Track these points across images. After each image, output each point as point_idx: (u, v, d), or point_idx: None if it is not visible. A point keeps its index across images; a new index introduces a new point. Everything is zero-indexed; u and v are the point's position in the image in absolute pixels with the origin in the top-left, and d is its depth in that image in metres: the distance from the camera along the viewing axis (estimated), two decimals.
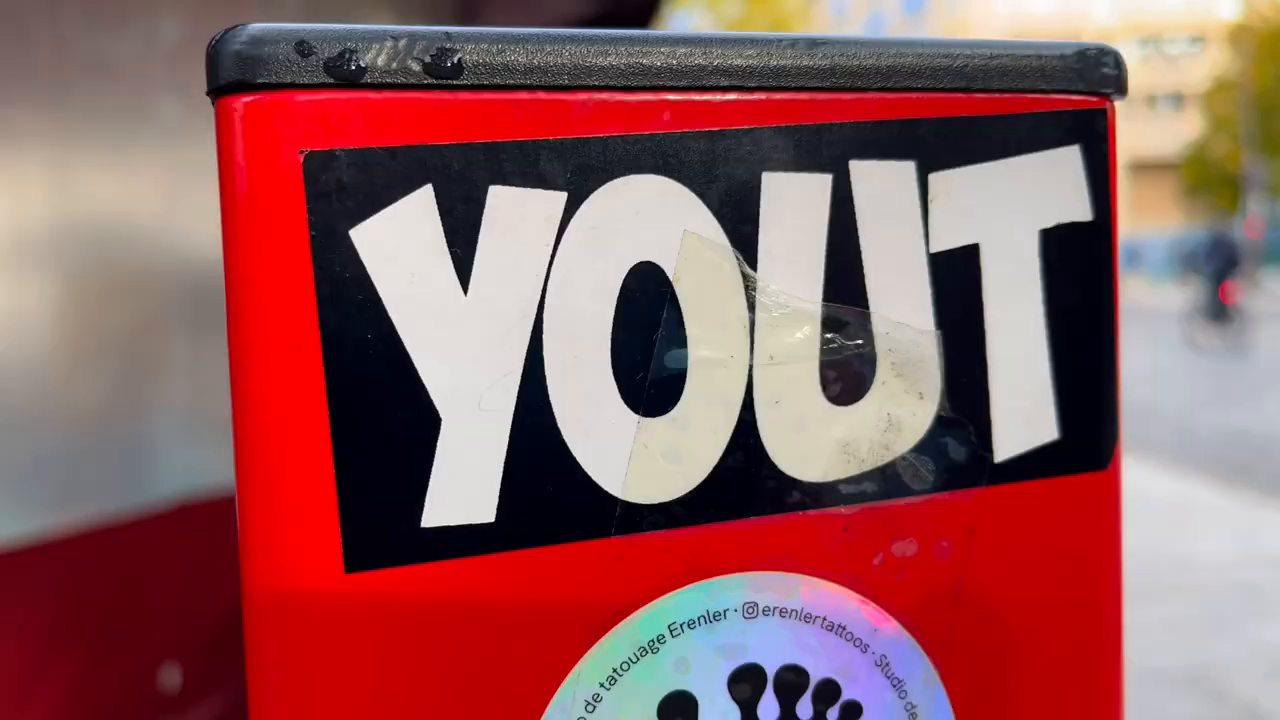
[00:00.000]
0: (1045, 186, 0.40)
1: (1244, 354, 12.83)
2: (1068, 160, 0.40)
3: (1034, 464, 0.40)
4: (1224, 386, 9.79)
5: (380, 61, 0.35)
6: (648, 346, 0.37)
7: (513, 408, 0.36)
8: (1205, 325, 14.17)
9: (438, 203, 0.35)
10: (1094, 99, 0.41)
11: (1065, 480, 0.40)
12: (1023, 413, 0.40)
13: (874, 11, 63.42)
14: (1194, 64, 51.08)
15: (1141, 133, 52.71)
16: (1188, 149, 43.63)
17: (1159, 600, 3.68)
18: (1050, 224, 0.40)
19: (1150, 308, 21.99)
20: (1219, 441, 7.05)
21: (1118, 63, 0.41)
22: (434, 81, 0.35)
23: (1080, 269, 0.41)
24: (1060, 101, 0.40)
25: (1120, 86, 0.42)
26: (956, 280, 0.39)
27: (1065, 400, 0.41)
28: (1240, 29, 39.62)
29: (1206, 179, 42.10)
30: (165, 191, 1.92)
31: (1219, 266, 14.24)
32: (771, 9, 28.45)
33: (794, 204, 0.38)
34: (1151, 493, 5.32)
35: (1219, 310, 13.94)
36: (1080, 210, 0.40)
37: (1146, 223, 49.44)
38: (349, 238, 0.34)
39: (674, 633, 0.38)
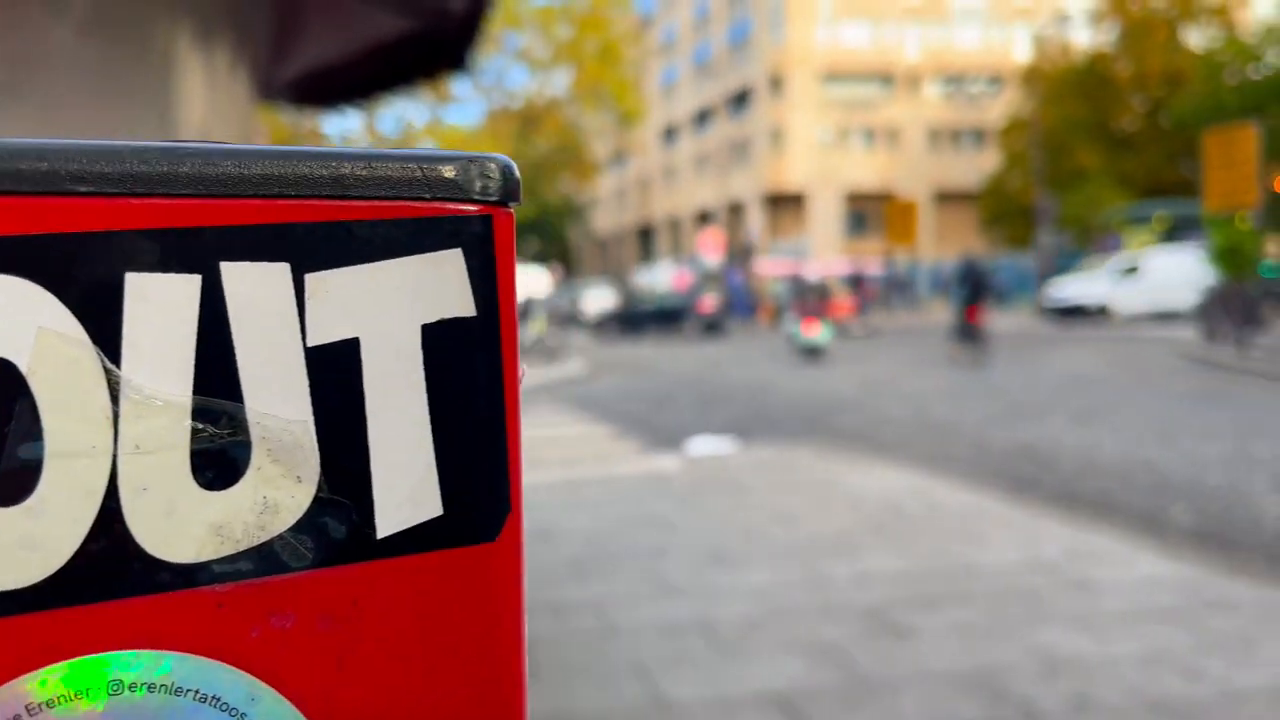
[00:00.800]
0: (427, 286, 0.42)
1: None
2: (450, 262, 0.43)
3: (419, 539, 0.42)
4: (1008, 402, 10.55)
5: None
6: None
7: None
8: (956, 344, 15.56)
9: None
10: (475, 206, 0.43)
11: (452, 552, 0.43)
12: (406, 491, 0.42)
13: (701, 41, 65.34)
14: (993, 103, 55.13)
15: (946, 166, 56.43)
16: (987, 182, 46.99)
17: (947, 606, 3.90)
18: (433, 319, 0.42)
19: (942, 328, 23.63)
20: (1007, 455, 7.59)
21: (504, 173, 0.44)
22: None
23: (463, 360, 0.43)
24: (441, 209, 0.43)
25: (506, 194, 0.44)
26: (336, 372, 0.41)
27: (449, 479, 0.43)
28: (1031, 72, 42.93)
29: (1004, 210, 45.38)
30: None
31: (967, 292, 15.53)
32: (601, 33, 28.78)
33: (161, 303, 0.39)
34: (947, 504, 5.67)
35: (966, 330, 15.28)
36: (463, 307, 0.43)
37: (950, 250, 52.82)
38: None
39: (31, 712, 0.38)
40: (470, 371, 0.43)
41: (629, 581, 4.35)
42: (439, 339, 0.43)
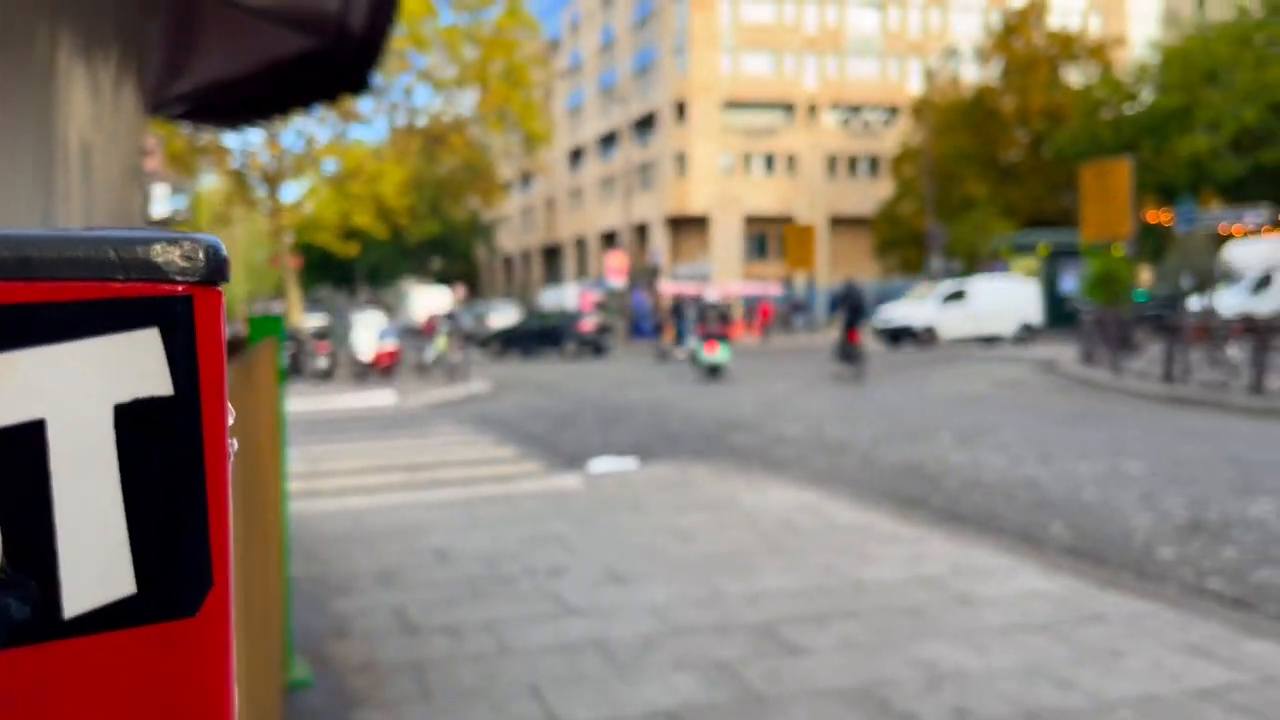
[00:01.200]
0: (120, 366, 0.43)
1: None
2: (147, 342, 0.44)
3: (110, 617, 0.43)
4: (897, 422, 10.88)
5: None
6: None
7: None
8: (838, 363, 16.99)
9: None
10: (175, 286, 0.44)
11: (146, 629, 0.44)
12: (96, 570, 0.43)
13: (607, 66, 65.96)
14: (888, 132, 57.09)
15: (842, 192, 58.08)
16: (881, 209, 48.57)
17: (836, 622, 4.00)
18: (126, 399, 0.43)
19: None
20: (896, 473, 7.83)
21: (209, 253, 0.45)
22: None
23: (160, 438, 0.44)
24: (138, 289, 0.44)
25: (211, 274, 0.45)
26: (18, 453, 0.42)
27: (143, 556, 0.44)
28: (922, 104, 44.55)
29: (897, 236, 46.93)
30: None
31: (847, 315, 16.99)
32: (507, 55, 28.77)
33: None
34: (839, 521, 5.81)
35: (846, 350, 16.82)
36: (161, 387, 0.44)
37: (845, 272, 54.37)
38: None
39: None
40: (168, 449, 0.44)
41: (526, 602, 4.34)
42: (133, 418, 0.43)
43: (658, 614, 4.13)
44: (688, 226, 58.32)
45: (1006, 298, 26.41)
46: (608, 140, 65.07)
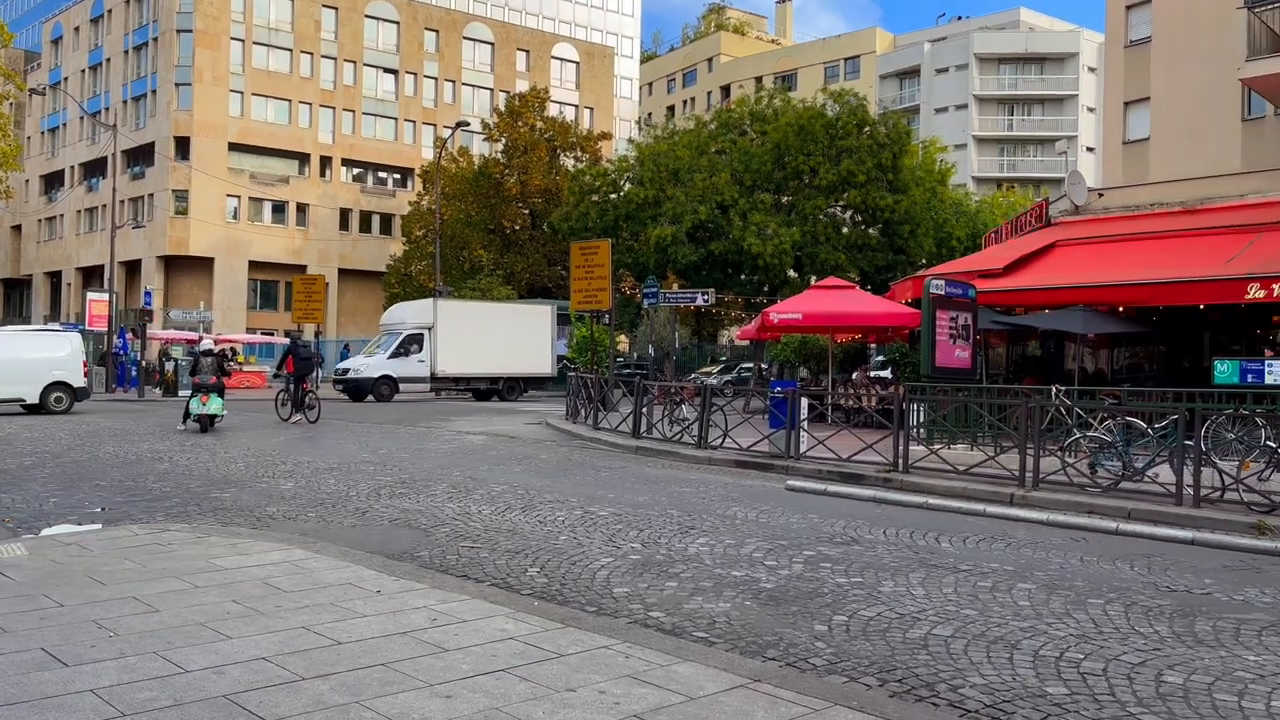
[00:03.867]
0: None
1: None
2: None
3: None
4: (399, 475, 10.98)
5: None
6: None
7: None
8: (291, 409, 19.33)
9: None
10: None
11: None
12: None
13: (96, 88, 59.30)
14: (401, 193, 58.04)
15: (355, 246, 57.65)
16: (392, 266, 49.11)
17: (308, 685, 3.85)
18: None
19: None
20: (390, 526, 7.87)
21: None
22: None
23: None
24: None
25: None
26: None
27: None
28: (432, 170, 46.05)
29: (408, 293, 47.64)
30: None
31: (297, 366, 19.29)
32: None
33: None
34: (324, 579, 5.66)
35: (299, 397, 19.28)
36: None
37: (360, 326, 53.94)
38: None
39: None
40: None
41: None
42: None
43: (103, 697, 3.71)
44: (187, 269, 53.86)
45: (27, 353, 21.29)
46: (93, 168, 58.18)
